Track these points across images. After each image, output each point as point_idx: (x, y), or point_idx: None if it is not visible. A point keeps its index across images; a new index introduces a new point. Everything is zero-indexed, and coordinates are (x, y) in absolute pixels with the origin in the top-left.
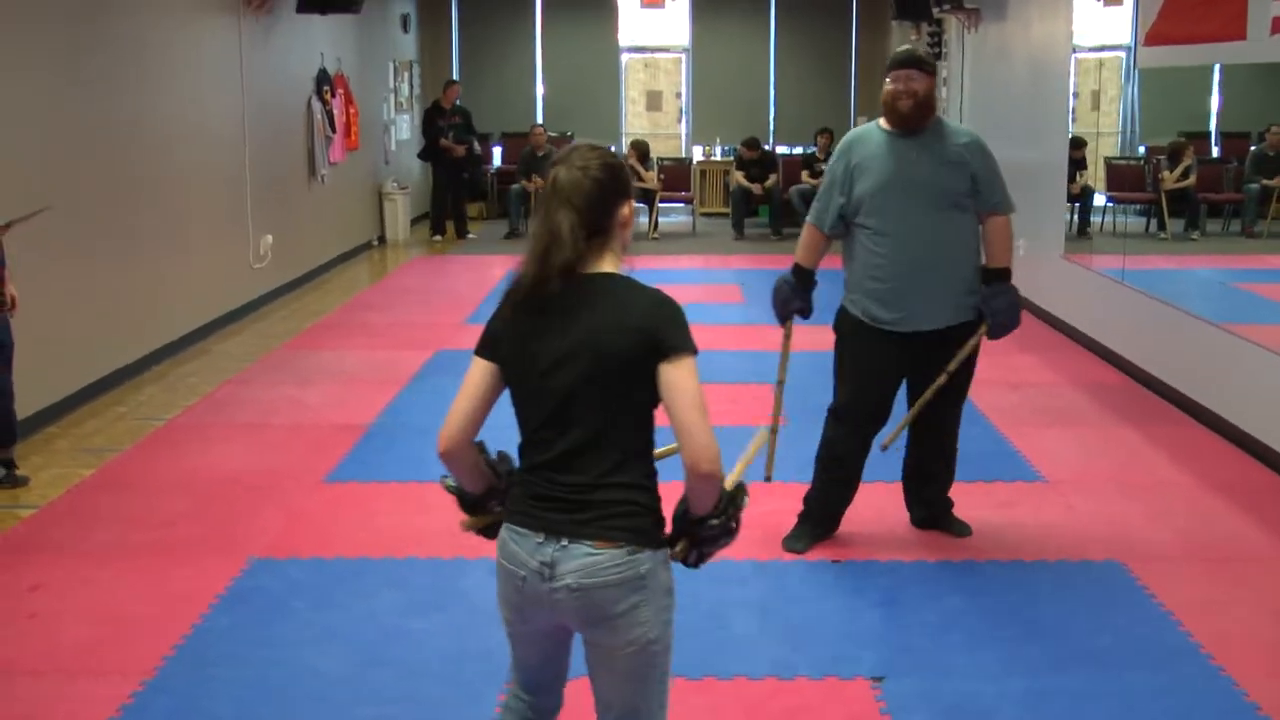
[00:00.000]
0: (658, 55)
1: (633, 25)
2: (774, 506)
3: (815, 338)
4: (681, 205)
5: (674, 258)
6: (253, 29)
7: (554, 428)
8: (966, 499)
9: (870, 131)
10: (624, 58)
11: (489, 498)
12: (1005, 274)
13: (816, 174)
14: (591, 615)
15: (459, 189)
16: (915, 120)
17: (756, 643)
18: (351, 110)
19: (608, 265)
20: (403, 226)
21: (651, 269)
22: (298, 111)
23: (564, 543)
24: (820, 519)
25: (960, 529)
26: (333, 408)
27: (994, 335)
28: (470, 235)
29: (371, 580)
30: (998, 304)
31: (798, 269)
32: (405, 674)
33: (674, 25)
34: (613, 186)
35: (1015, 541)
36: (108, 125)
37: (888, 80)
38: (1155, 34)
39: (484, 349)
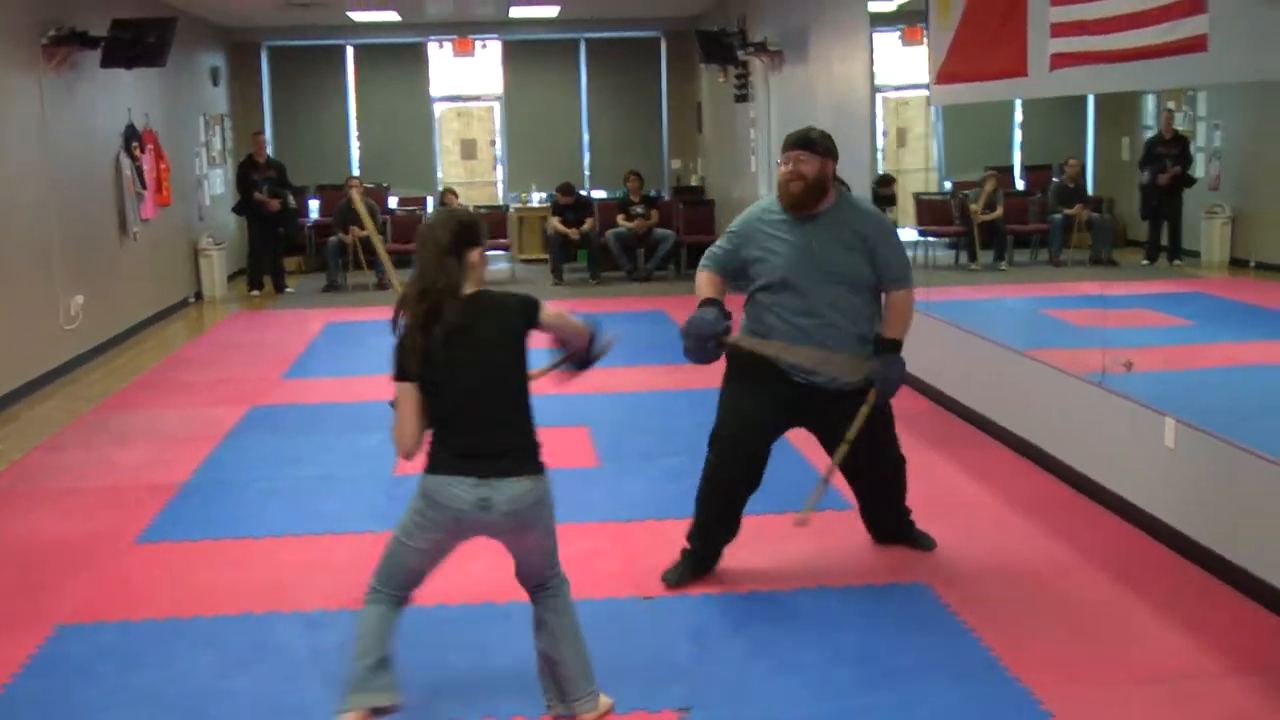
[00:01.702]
0: (470, 104)
1: (445, 74)
2: (588, 546)
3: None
4: (500, 253)
5: None
6: (55, 85)
7: (472, 405)
8: (774, 529)
9: (770, 210)
10: (437, 107)
11: None
12: (897, 345)
13: (631, 217)
14: (521, 527)
15: (275, 243)
16: (805, 204)
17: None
18: (162, 165)
19: (472, 288)
20: (220, 282)
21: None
22: (106, 168)
23: (493, 481)
24: (702, 556)
25: (925, 543)
26: (147, 468)
27: (880, 402)
28: (288, 289)
29: (182, 640)
30: (889, 374)
31: (711, 300)
32: None
33: (486, 74)
34: (464, 237)
35: (823, 568)
36: None
37: (780, 161)
38: (945, 72)
39: (404, 374)
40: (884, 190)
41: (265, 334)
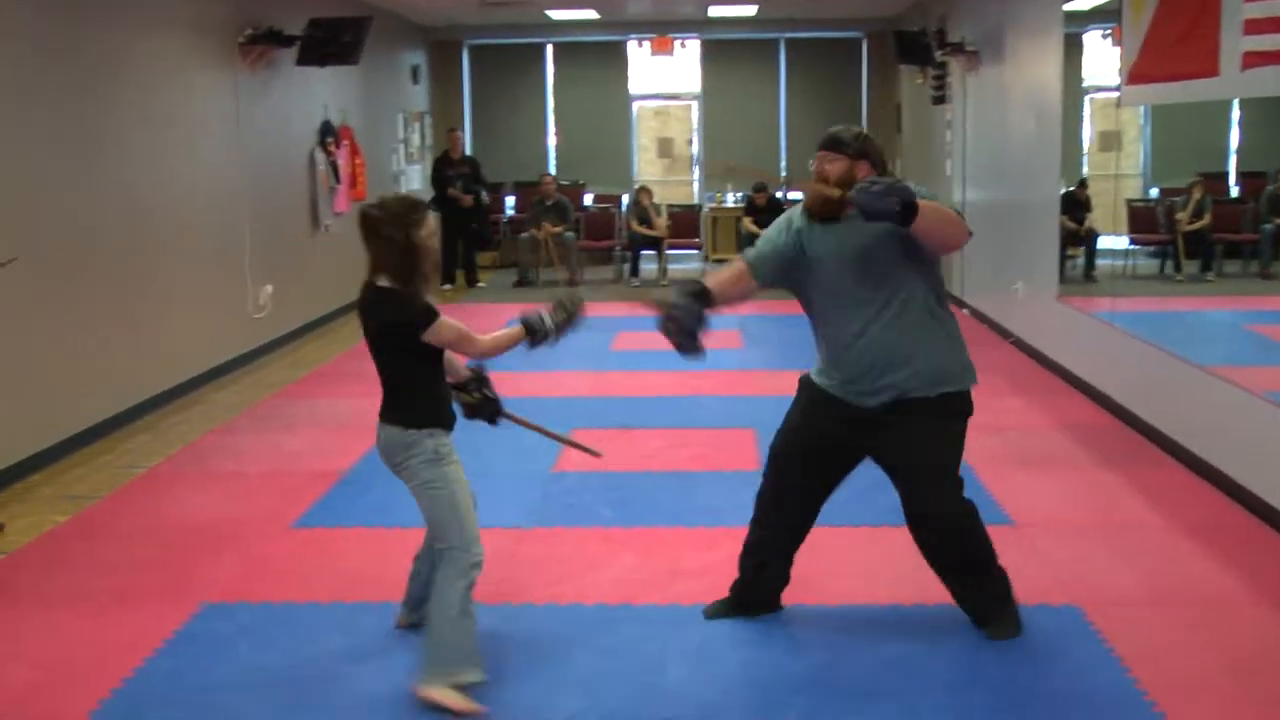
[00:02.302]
0: (669, 103)
1: (643, 73)
2: (732, 551)
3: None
4: (693, 252)
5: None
6: (250, 82)
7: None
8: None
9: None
10: (635, 105)
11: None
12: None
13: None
14: (394, 470)
15: (468, 238)
16: (828, 209)
17: (686, 690)
18: (358, 161)
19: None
20: None
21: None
22: (299, 162)
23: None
24: (745, 586)
25: (1001, 630)
26: (312, 455)
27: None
28: (480, 284)
29: (318, 625)
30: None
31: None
32: (337, 718)
33: (685, 72)
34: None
35: None
36: (102, 177)
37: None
38: (1136, 72)
39: None
40: (1079, 194)
41: None
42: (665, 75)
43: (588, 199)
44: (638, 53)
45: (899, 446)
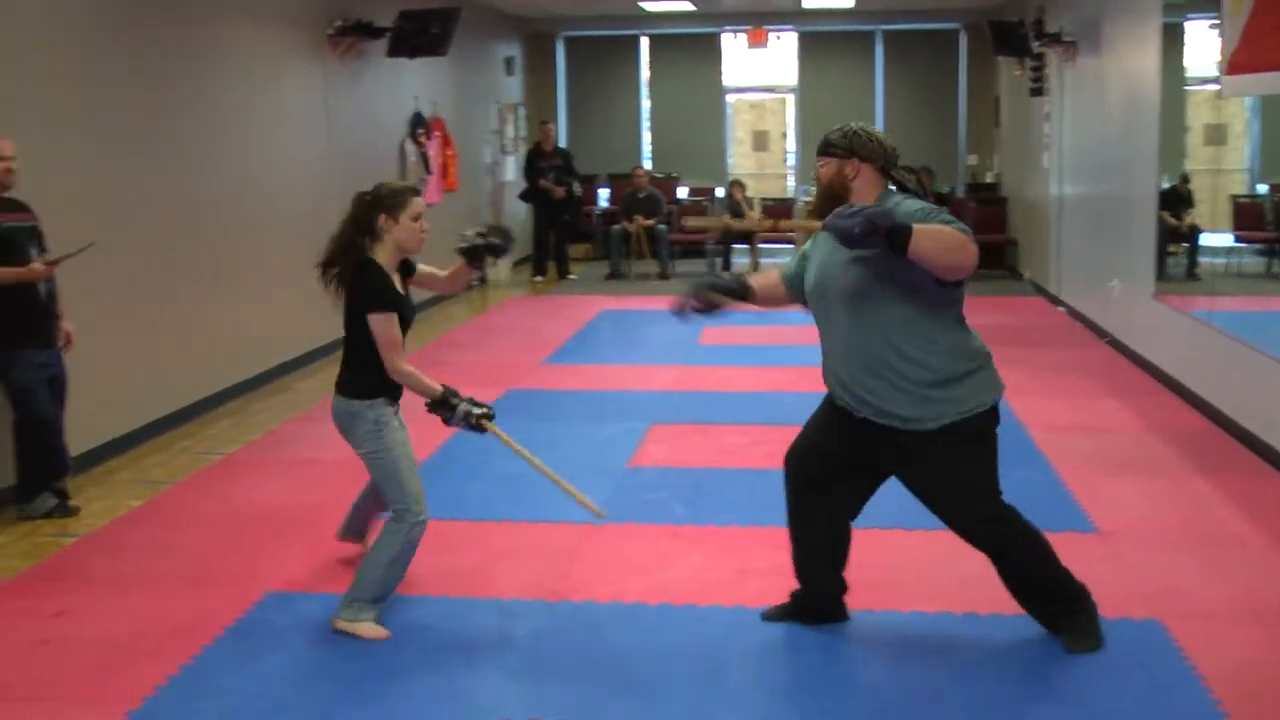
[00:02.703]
0: (764, 96)
1: (738, 66)
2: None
3: None
4: (787, 246)
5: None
6: (339, 73)
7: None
8: None
9: None
10: (730, 98)
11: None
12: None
13: None
14: (342, 433)
15: (559, 230)
16: (821, 209)
17: (746, 696)
18: (449, 152)
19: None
20: (504, 267)
21: (734, 311)
22: (389, 153)
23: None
24: (802, 595)
25: (1073, 644)
26: None
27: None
28: (571, 276)
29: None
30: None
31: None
32: (386, 712)
33: (780, 65)
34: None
35: None
36: (193, 165)
37: None
38: (1237, 62)
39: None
40: (1181, 189)
41: (539, 319)
42: (760, 68)
43: (682, 192)
44: (733, 45)
45: (916, 477)
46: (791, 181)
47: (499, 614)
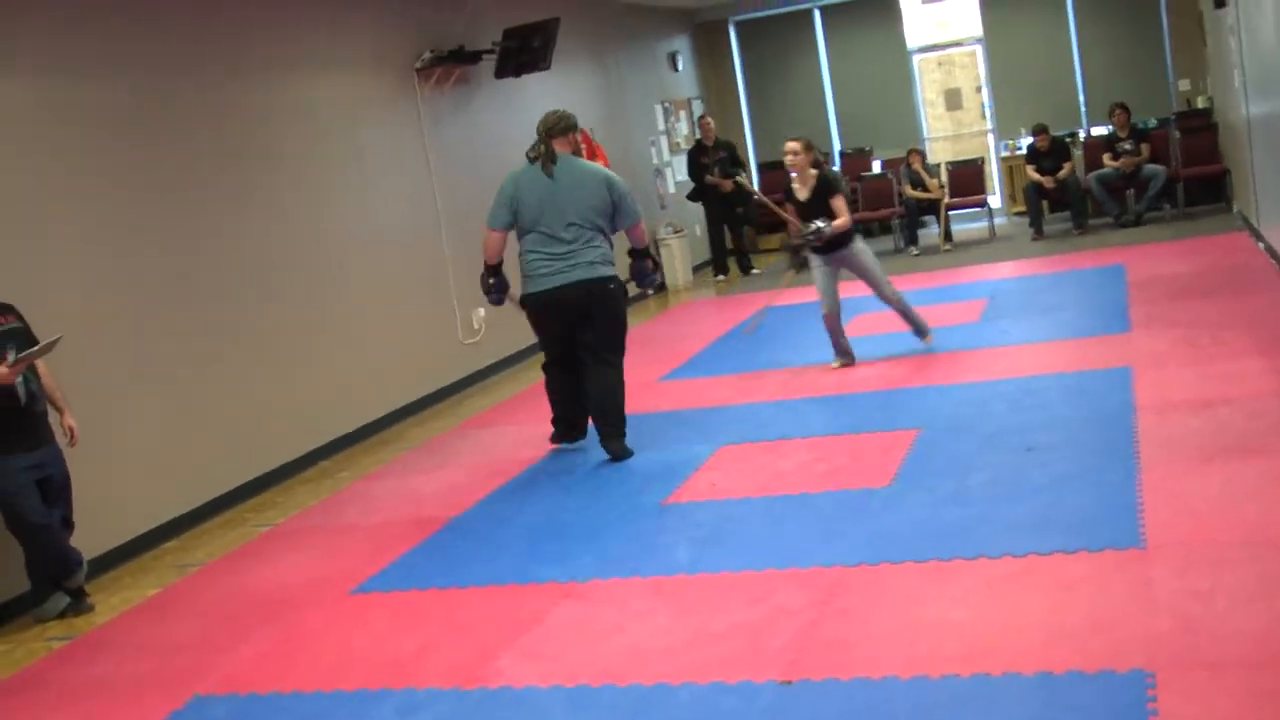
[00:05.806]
0: (950, 51)
1: (919, 23)
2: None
3: None
4: (978, 209)
5: (930, 274)
6: (437, 104)
7: None
8: (1026, 578)
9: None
10: (915, 59)
11: None
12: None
13: (1118, 155)
14: None
15: (734, 224)
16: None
17: None
18: (598, 161)
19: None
20: (682, 270)
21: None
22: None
23: None
24: (564, 425)
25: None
26: (434, 500)
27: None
28: (755, 271)
29: (291, 717)
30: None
31: None
32: None
33: (964, 17)
34: None
35: (1029, 644)
36: (274, 230)
37: None
38: None
39: None
40: None
41: (693, 325)
42: (943, 23)
43: (875, 165)
44: (910, 3)
45: None
46: (992, 138)
47: (397, 710)
